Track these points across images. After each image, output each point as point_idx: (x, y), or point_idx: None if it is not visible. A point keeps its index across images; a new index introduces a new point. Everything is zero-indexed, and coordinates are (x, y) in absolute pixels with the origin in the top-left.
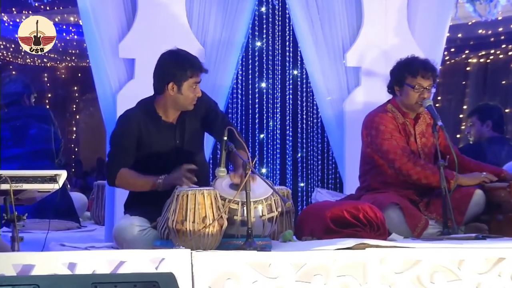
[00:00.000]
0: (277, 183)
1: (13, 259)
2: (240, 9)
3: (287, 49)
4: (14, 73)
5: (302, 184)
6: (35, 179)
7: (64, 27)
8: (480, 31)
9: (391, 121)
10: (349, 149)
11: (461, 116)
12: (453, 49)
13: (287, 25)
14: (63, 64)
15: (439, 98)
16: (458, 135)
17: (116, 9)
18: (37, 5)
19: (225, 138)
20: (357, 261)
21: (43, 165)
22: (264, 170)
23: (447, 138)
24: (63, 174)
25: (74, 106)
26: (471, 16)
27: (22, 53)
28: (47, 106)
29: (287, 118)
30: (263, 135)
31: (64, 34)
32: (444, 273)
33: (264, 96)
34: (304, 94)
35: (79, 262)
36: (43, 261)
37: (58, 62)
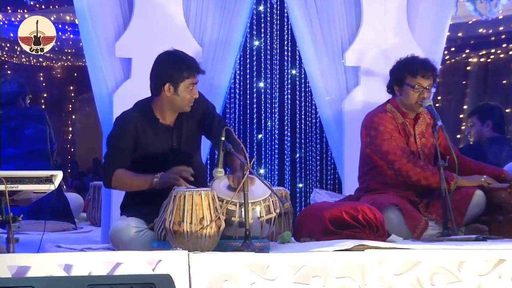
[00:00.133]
0: (275, 184)
1: (8, 261)
2: (238, 8)
3: (285, 48)
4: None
5: (301, 185)
6: (30, 180)
7: (60, 26)
8: (480, 30)
9: (390, 121)
10: (348, 149)
11: (461, 116)
12: (453, 49)
13: (285, 24)
14: (59, 63)
15: (439, 98)
16: (458, 136)
17: (113, 7)
18: (32, 3)
19: (222, 138)
20: (356, 262)
21: (38, 165)
22: (262, 171)
23: (447, 139)
24: (59, 175)
25: (70, 106)
26: (471, 15)
27: (18, 53)
28: (43, 106)
29: (286, 118)
30: (261, 136)
31: (60, 33)
32: (444, 274)
33: (262, 96)
34: (303, 94)
35: (75, 263)
36: (38, 262)
37: (54, 62)
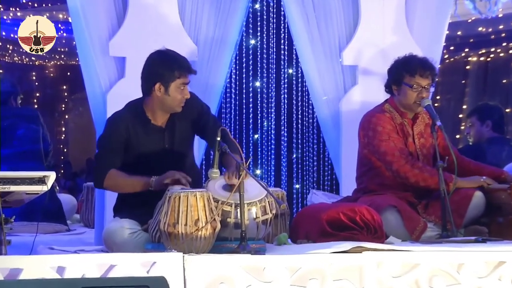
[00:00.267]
0: (272, 184)
1: (0, 263)
2: (233, 6)
3: (282, 47)
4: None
5: (298, 186)
6: (23, 181)
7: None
8: (480, 28)
9: (388, 121)
10: (345, 150)
11: (460, 116)
12: (452, 47)
13: (282, 22)
14: (52, 62)
15: (438, 97)
16: (457, 136)
17: (106, 5)
18: (25, 1)
19: (218, 138)
20: (353, 264)
21: (31, 166)
22: (258, 172)
23: (446, 139)
24: (51, 176)
25: (63, 106)
26: (471, 13)
27: (10, 51)
28: (36, 105)
29: (282, 118)
30: (257, 136)
31: None
32: (443, 277)
33: (259, 95)
34: (300, 94)
35: (68, 266)
36: (31, 265)
37: (46, 61)
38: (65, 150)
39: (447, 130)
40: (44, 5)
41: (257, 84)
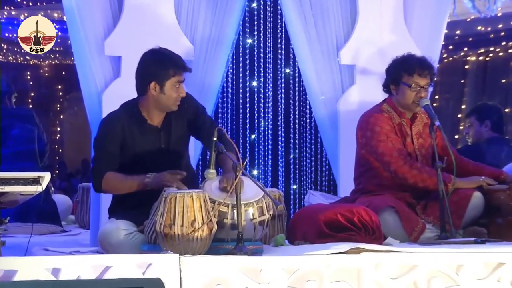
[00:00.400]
0: (269, 185)
1: None
2: (230, 5)
3: (279, 46)
4: None
5: (295, 186)
6: (17, 181)
7: None
8: (479, 27)
9: (387, 121)
10: (343, 150)
11: (459, 116)
12: (451, 47)
13: (279, 21)
14: (47, 61)
15: (436, 97)
16: (456, 136)
17: (102, 4)
18: (19, 0)
19: (214, 138)
20: (351, 266)
21: (26, 166)
22: (255, 172)
23: (444, 139)
24: (46, 176)
25: (58, 106)
26: (469, 12)
27: (4, 51)
28: (30, 105)
29: (279, 118)
30: (254, 136)
31: None
32: (442, 278)
33: (255, 95)
34: (297, 93)
35: (63, 267)
36: (26, 266)
37: (41, 60)
38: (60, 150)
39: (445, 130)
40: (39, 4)
41: (254, 83)
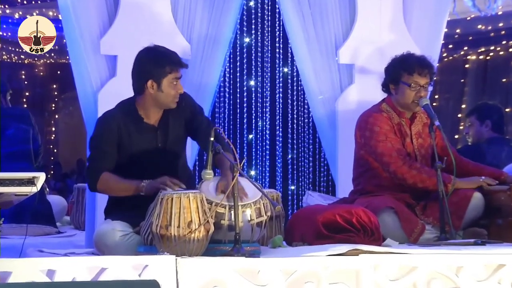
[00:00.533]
0: (267, 186)
1: None
2: (227, 3)
3: (277, 45)
4: None
5: (293, 187)
6: (12, 182)
7: None
8: (479, 26)
9: (386, 121)
10: (342, 150)
11: (459, 115)
12: (451, 46)
13: (277, 20)
14: (42, 60)
15: (436, 96)
16: (456, 136)
17: (97, 3)
18: None
19: (211, 139)
20: (350, 267)
21: (20, 167)
22: (252, 173)
23: (444, 139)
24: (41, 177)
25: (53, 105)
26: (470, 11)
27: None
28: (25, 105)
29: (277, 118)
30: (251, 136)
31: None
32: (442, 280)
33: (253, 94)
34: (295, 93)
35: (58, 269)
36: (20, 268)
37: (36, 59)
38: (55, 150)
39: (445, 130)
40: (33, 2)
41: (252, 83)
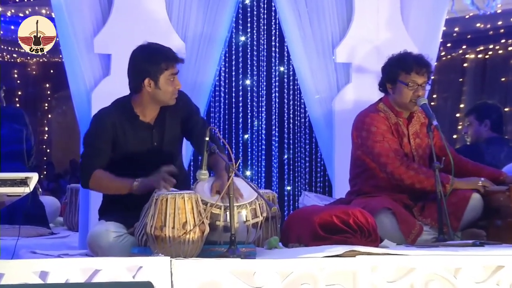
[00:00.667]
0: (262, 186)
1: None
2: (223, 1)
3: (272, 44)
4: None
5: (289, 188)
6: (4, 183)
7: None
8: (478, 25)
9: (383, 121)
10: (338, 150)
11: (457, 115)
12: (449, 44)
13: (273, 18)
14: (34, 59)
15: (434, 96)
16: (454, 136)
17: (91, 1)
18: None
19: (206, 138)
20: (347, 269)
21: (13, 167)
22: (248, 173)
23: (442, 139)
24: (34, 177)
25: (46, 105)
26: (468, 9)
27: None
28: (17, 104)
29: (273, 117)
30: (247, 136)
31: None
32: (440, 281)
33: (249, 94)
34: (291, 92)
35: (51, 270)
36: (13, 269)
37: (28, 58)
38: (48, 150)
39: (443, 129)
40: (26, 0)
41: (247, 82)
